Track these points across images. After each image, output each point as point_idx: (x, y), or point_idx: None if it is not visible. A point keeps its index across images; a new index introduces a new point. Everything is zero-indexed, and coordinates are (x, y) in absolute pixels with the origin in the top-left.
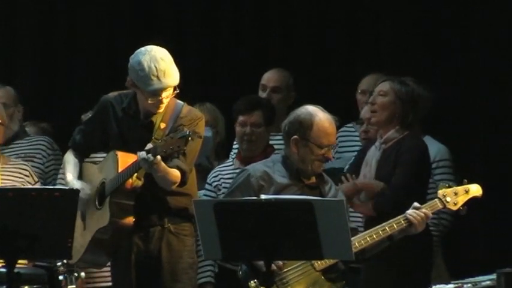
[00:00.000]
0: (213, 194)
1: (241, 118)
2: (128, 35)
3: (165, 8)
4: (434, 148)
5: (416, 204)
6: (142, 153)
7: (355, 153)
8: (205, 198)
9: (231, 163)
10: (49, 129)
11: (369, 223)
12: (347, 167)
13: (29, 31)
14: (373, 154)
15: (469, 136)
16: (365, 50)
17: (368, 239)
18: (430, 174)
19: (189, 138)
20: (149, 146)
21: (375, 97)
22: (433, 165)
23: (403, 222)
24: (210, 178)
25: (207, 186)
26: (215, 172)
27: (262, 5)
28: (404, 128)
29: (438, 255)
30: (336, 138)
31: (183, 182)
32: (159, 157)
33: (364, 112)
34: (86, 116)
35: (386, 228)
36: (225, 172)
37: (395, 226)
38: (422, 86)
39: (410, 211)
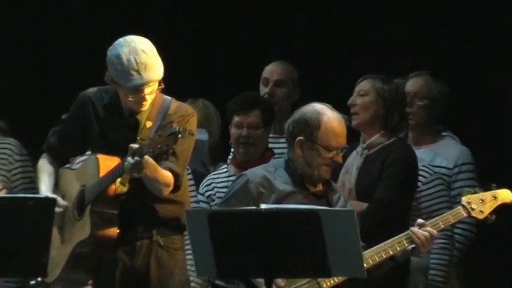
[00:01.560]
0: (205, 205)
1: (236, 119)
2: (109, 24)
3: None
4: (455, 151)
5: (420, 220)
6: (128, 159)
7: None
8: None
9: (225, 169)
10: (5, 127)
11: None
12: None
13: None
14: (354, 160)
15: (489, 135)
16: (377, 40)
17: (370, 260)
18: (416, 189)
19: (179, 136)
20: (132, 148)
21: (355, 97)
22: (455, 170)
23: (405, 242)
24: (202, 187)
25: (199, 196)
26: (208, 180)
27: None
28: (390, 132)
29: (453, 275)
30: None
31: (177, 186)
32: (147, 156)
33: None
34: None
35: (388, 249)
36: (219, 180)
37: (397, 247)
38: (438, 80)
39: (414, 228)
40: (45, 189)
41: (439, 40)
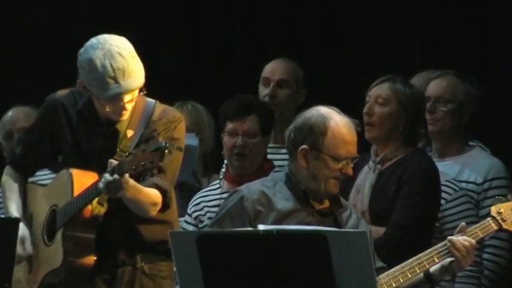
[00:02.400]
0: (192, 228)
1: (230, 125)
2: (83, 22)
3: None
4: (486, 163)
5: (463, 224)
6: (106, 176)
7: None
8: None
9: (217, 185)
10: None
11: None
12: None
13: None
14: (366, 178)
15: None
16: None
17: (400, 278)
18: (439, 207)
19: (165, 151)
20: (112, 163)
21: (372, 105)
22: (485, 186)
23: (441, 254)
24: (190, 206)
25: (186, 217)
26: (197, 198)
27: None
28: (406, 144)
29: None
30: None
31: (166, 204)
32: (127, 176)
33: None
34: None
35: (424, 262)
36: (209, 198)
37: (435, 259)
38: (469, 82)
39: (452, 237)
40: (16, 211)
41: (463, 37)
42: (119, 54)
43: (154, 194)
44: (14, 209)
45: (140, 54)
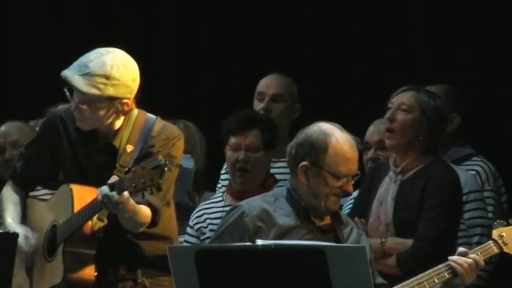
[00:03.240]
0: (195, 240)
1: (233, 140)
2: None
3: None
4: (461, 178)
5: (461, 249)
6: (104, 189)
7: None
8: (185, 244)
9: (220, 198)
10: None
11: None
12: (348, 204)
13: None
14: (388, 189)
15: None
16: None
17: None
18: (461, 214)
19: (165, 169)
20: (113, 178)
21: (395, 111)
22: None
23: (446, 273)
24: (192, 219)
25: (188, 229)
26: (199, 211)
27: None
28: (426, 154)
29: None
30: None
31: (154, 222)
32: (126, 193)
33: (372, 133)
34: None
35: (424, 282)
36: (212, 210)
37: (435, 279)
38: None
39: (454, 257)
40: (11, 220)
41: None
42: (102, 54)
43: (147, 214)
44: (10, 220)
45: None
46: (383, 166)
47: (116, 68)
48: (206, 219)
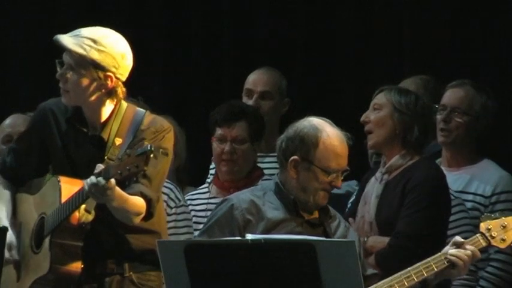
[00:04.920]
0: None
1: (219, 131)
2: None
3: None
4: (495, 176)
5: (457, 238)
6: (91, 179)
7: None
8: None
9: (206, 190)
10: None
11: None
12: (349, 204)
13: None
14: (372, 188)
15: None
16: (388, 39)
17: (397, 286)
18: (450, 213)
19: (151, 155)
20: (99, 167)
21: (369, 113)
22: (492, 199)
23: (445, 262)
24: None
25: None
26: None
27: None
28: (412, 152)
29: None
30: None
31: (150, 213)
32: (113, 180)
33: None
34: None
35: (422, 269)
36: (197, 202)
37: (434, 267)
38: (486, 94)
39: (452, 250)
40: (4, 217)
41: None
42: (100, 28)
43: (139, 203)
44: (4, 216)
45: None
46: (375, 169)
47: (106, 38)
48: (191, 210)
